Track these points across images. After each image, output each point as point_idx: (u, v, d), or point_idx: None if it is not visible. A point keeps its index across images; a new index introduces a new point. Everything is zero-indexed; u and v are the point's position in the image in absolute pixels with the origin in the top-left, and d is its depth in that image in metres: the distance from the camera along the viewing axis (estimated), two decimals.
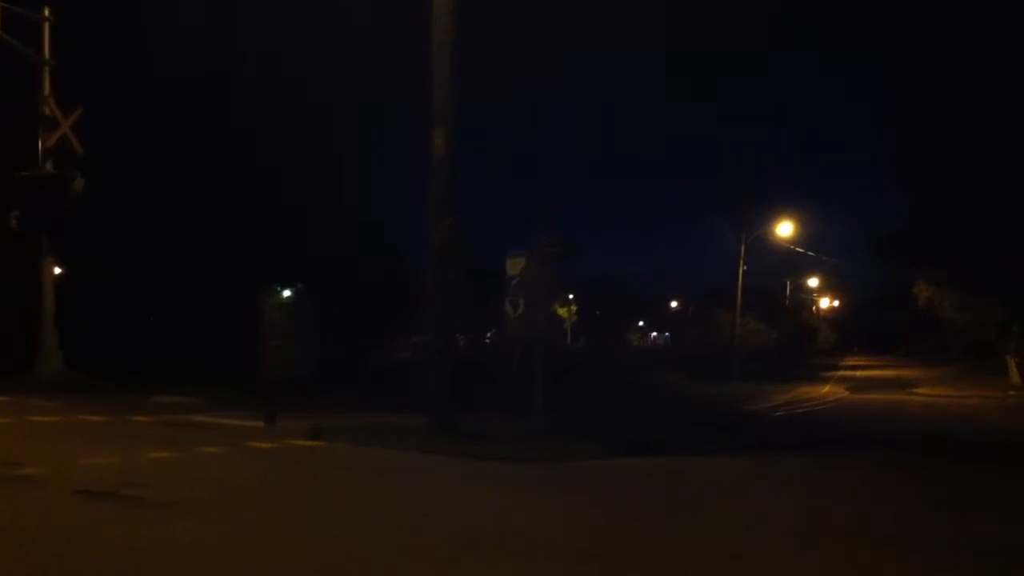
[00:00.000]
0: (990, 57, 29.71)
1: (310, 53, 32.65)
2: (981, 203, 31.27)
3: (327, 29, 30.38)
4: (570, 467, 12.01)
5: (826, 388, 48.94)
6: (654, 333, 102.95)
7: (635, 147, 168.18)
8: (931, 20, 34.15)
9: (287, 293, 26.55)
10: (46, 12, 22.17)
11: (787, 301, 72.99)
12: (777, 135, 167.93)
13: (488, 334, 70.05)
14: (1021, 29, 28.08)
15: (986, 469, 14.79)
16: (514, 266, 18.12)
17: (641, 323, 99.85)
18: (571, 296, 53.71)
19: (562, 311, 31.35)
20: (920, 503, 9.85)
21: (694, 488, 10.68)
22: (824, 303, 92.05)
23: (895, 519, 8.66)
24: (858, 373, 69.04)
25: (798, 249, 59.72)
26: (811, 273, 77.95)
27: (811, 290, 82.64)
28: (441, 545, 6.80)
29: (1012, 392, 43.41)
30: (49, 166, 21.69)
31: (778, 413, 30.49)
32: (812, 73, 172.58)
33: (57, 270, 22.71)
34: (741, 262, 51.59)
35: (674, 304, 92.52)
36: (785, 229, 53.93)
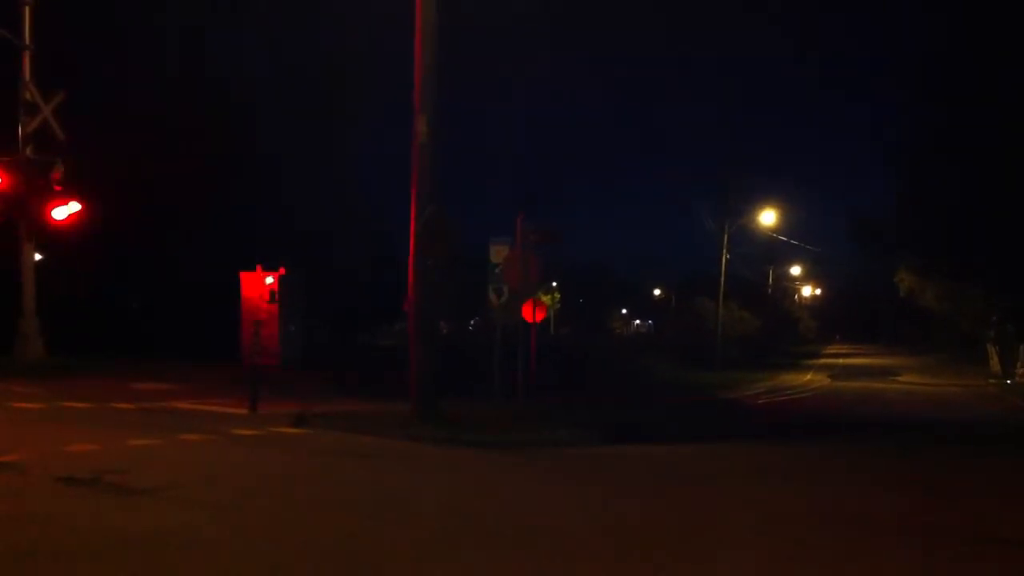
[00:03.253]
0: (984, 45, 29.77)
1: (308, 43, 32.62)
2: (966, 192, 31.42)
3: (325, 17, 30.42)
4: (553, 454, 12.05)
5: (808, 376, 49.21)
6: (637, 321, 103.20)
7: (624, 131, 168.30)
8: (928, 6, 34.21)
9: (270, 280, 26.54)
10: None
11: (770, 290, 73.20)
12: (766, 122, 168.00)
13: (472, 321, 70.12)
14: (1015, 16, 28.14)
15: (965, 458, 14.96)
16: (498, 254, 18.13)
17: (624, 311, 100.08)
18: (555, 284, 53.82)
19: (546, 299, 31.39)
20: (895, 490, 9.95)
21: (674, 476, 10.74)
22: (807, 291, 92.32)
23: (869, 505, 8.74)
24: (840, 361, 69.41)
25: (780, 238, 59.86)
26: (794, 262, 78.23)
27: (794, 279, 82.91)
28: (419, 531, 6.81)
29: (992, 381, 43.74)
30: (30, 151, 21.51)
31: (760, 401, 30.63)
32: (805, 61, 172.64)
33: (37, 256, 22.53)
34: (724, 251, 51.71)
35: (657, 292, 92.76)
36: (768, 218, 54.03)
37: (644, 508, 8.29)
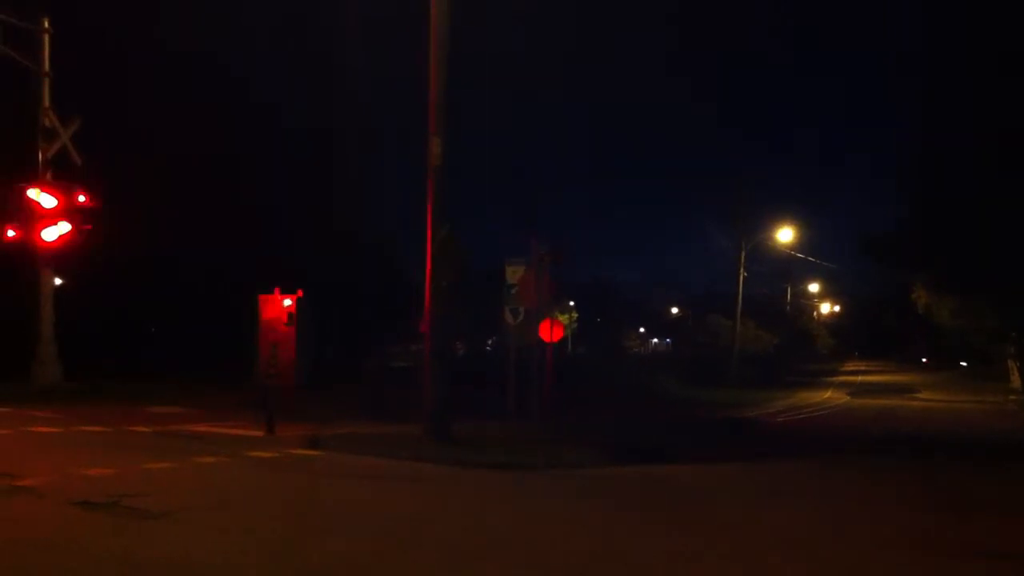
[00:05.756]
0: (990, 57, 29.75)
1: (320, 61, 32.88)
2: (979, 206, 31.29)
3: (326, 36, 30.69)
4: (566, 475, 12.02)
5: (827, 393, 49.02)
6: (655, 340, 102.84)
7: (635, 149, 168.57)
8: (932, 19, 34.18)
9: (288, 302, 26.61)
10: (46, 24, 22.23)
11: (787, 307, 72.93)
12: (777, 138, 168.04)
13: (488, 342, 70.03)
14: (1021, 28, 28.13)
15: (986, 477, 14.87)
16: (513, 274, 18.18)
17: (642, 329, 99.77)
18: (572, 303, 53.67)
19: (563, 318, 31.40)
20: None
21: (689, 496, 10.71)
22: (824, 308, 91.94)
23: (884, 527, 8.71)
24: (858, 378, 69.11)
25: (797, 255, 59.72)
26: (811, 279, 77.96)
27: (811, 296, 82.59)
28: (431, 554, 6.84)
29: (1012, 397, 43.43)
30: (49, 177, 21.72)
31: (779, 419, 30.48)
32: (813, 74, 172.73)
33: (57, 281, 22.69)
34: (741, 269, 51.63)
35: (675, 310, 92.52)
36: (785, 235, 53.91)
37: (645, 532, 8.27)
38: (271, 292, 26.49)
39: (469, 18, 16.24)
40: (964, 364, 75.35)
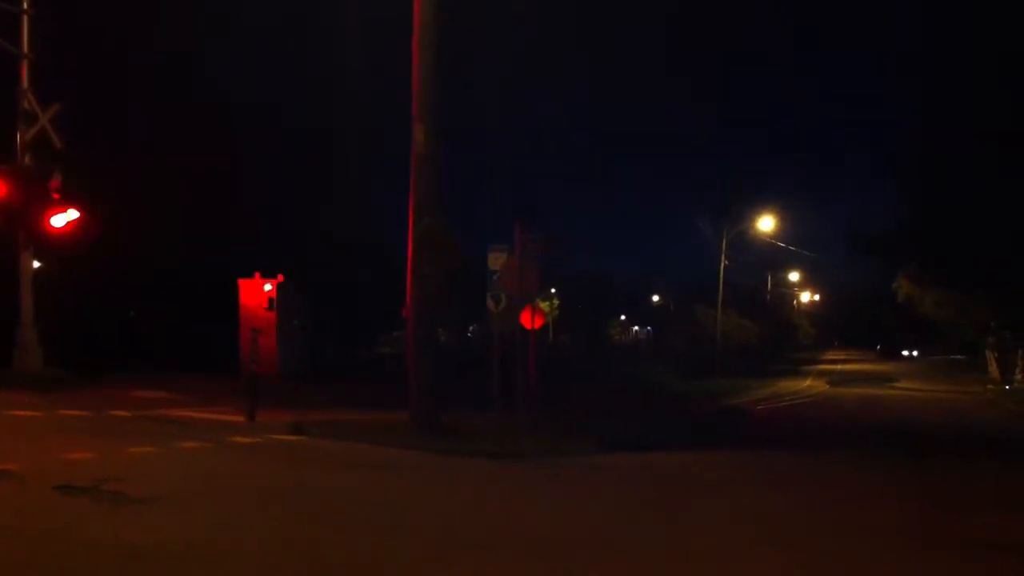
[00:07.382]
0: (990, 57, 29.86)
1: (312, 49, 32.74)
2: (978, 205, 31.42)
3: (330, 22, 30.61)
4: (554, 463, 12.01)
5: (807, 382, 49.24)
6: (636, 328, 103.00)
7: (635, 149, 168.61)
8: (932, 19, 34.28)
9: (268, 287, 26.50)
10: (25, 4, 21.99)
11: (768, 296, 73.12)
12: (768, 130, 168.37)
13: (470, 328, 70.10)
14: (1021, 28, 28.25)
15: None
16: (496, 261, 18.12)
17: (623, 317, 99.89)
18: (553, 291, 53.69)
19: (544, 305, 31.35)
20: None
21: (677, 485, 10.73)
22: (805, 298, 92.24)
23: (869, 515, 8.74)
24: (838, 367, 69.51)
25: (779, 244, 59.81)
26: (792, 268, 78.13)
27: (792, 285, 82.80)
28: (421, 542, 6.80)
29: (991, 387, 43.71)
30: (28, 160, 21.48)
31: (760, 408, 30.60)
32: (813, 74, 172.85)
33: (36, 264, 22.47)
34: (722, 257, 51.71)
35: (656, 299, 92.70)
36: (766, 224, 53.97)
37: (635, 522, 8.27)
38: (252, 276, 26.45)
39: (469, 18, 16.20)
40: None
